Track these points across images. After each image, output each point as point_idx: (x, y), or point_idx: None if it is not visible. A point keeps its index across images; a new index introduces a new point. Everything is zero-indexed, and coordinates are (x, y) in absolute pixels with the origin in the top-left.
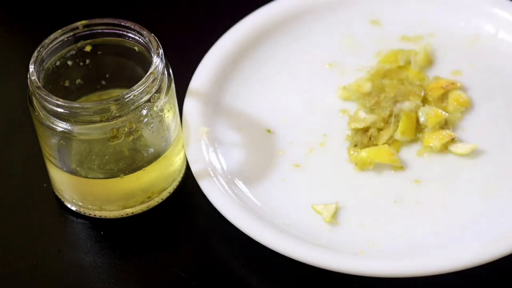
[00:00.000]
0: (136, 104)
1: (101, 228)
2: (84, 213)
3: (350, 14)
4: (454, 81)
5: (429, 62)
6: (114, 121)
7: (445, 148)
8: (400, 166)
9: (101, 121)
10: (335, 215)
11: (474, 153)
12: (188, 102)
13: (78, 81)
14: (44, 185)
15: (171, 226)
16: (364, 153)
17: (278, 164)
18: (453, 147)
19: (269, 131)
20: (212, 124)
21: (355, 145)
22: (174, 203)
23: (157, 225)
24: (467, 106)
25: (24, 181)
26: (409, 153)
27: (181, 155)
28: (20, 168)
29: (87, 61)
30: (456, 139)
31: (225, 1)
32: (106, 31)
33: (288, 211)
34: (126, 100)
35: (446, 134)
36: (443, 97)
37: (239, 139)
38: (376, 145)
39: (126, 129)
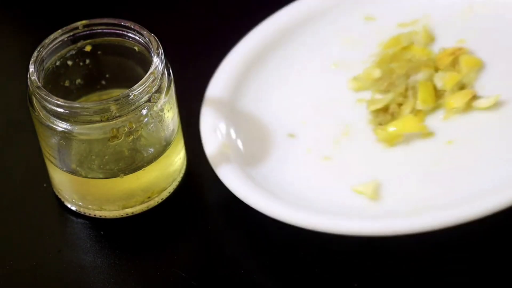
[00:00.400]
0: (136, 104)
1: (101, 228)
2: (84, 213)
3: (345, 16)
4: (461, 47)
5: (431, 39)
6: (114, 121)
7: (469, 106)
8: (429, 132)
9: (101, 121)
10: (377, 191)
11: (498, 106)
12: (206, 110)
13: (78, 81)
14: (44, 185)
15: (171, 226)
16: (391, 127)
17: (308, 161)
18: (477, 103)
19: (291, 135)
20: (233, 136)
21: (380, 124)
22: (174, 203)
23: (157, 225)
24: (479, 66)
25: (24, 181)
26: (435, 120)
27: (181, 155)
28: (20, 168)
29: (87, 61)
30: (477, 95)
31: (224, 1)
32: (106, 31)
33: (329, 201)
34: (126, 100)
35: (467, 92)
36: (454, 63)
37: (263, 148)
38: None
39: (126, 129)
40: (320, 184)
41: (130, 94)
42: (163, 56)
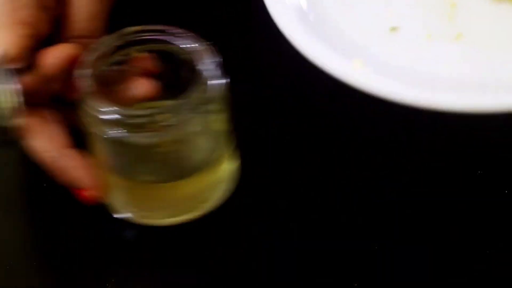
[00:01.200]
0: (187, 113)
1: (105, 230)
2: (135, 220)
3: None
4: None
5: None
6: (164, 130)
7: None
8: None
9: (152, 128)
10: None
11: None
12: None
13: None
14: (44, 185)
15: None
16: None
17: (439, 47)
18: None
19: (393, 29)
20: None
21: None
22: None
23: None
24: None
25: (25, 181)
26: None
27: (231, 164)
28: (20, 168)
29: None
30: None
31: None
32: (156, 37)
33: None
34: (178, 109)
35: None
36: None
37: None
38: None
39: (176, 138)
40: (471, 65)
41: (182, 103)
42: (217, 66)
